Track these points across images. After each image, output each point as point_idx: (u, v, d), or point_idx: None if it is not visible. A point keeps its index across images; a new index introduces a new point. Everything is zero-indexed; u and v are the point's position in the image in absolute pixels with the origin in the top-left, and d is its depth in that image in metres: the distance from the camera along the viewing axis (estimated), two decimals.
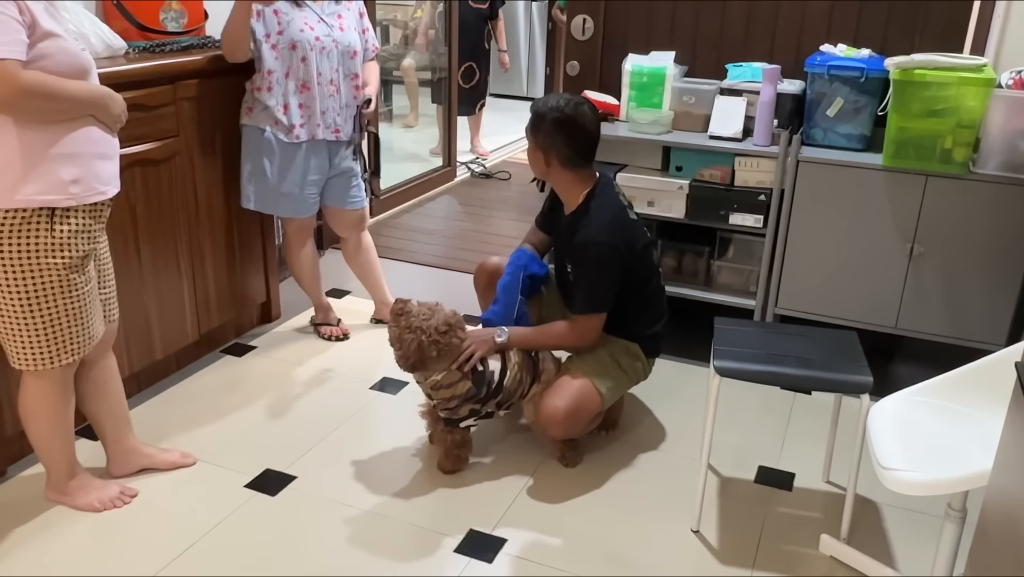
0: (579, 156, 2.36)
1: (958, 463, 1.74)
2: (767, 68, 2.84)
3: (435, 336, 2.25)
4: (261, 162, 2.87)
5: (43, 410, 2.09)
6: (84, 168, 1.92)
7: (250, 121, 2.85)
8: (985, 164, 2.63)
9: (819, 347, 2.22)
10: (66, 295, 1.95)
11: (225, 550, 2.10)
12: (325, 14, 2.85)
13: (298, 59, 2.77)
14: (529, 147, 2.42)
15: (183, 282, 2.80)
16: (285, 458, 2.47)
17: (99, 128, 1.97)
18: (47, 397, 2.07)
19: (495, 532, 2.21)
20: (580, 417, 2.38)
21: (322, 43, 2.80)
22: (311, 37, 2.78)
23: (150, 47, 2.68)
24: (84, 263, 1.98)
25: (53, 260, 1.91)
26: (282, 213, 3.03)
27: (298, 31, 2.76)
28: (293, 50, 2.76)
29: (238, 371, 2.97)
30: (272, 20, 2.74)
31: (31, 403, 2.08)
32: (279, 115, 2.80)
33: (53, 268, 1.92)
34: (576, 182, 2.40)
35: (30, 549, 2.08)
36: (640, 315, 2.49)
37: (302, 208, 2.99)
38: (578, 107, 2.34)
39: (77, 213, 1.93)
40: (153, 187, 2.61)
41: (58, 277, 1.93)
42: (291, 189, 2.92)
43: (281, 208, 2.99)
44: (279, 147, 2.85)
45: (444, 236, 4.52)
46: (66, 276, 1.94)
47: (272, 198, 2.93)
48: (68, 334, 1.99)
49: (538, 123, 2.36)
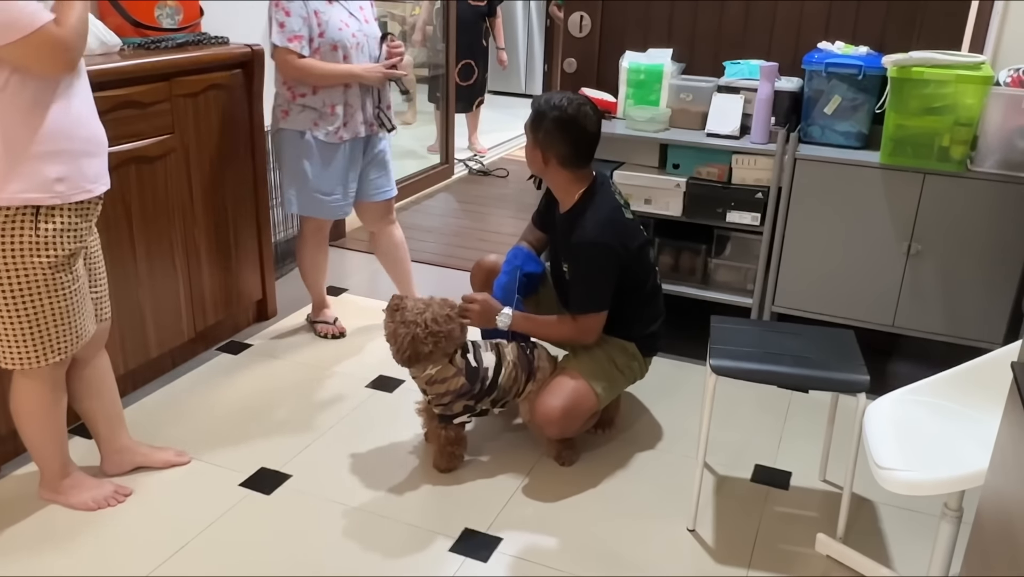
0: (578, 156, 2.35)
1: (954, 462, 1.73)
2: (765, 65, 2.84)
3: (431, 328, 2.25)
4: (301, 165, 2.86)
5: (34, 409, 2.08)
6: (70, 166, 1.88)
7: (288, 125, 2.84)
8: (983, 162, 2.62)
9: (816, 346, 2.21)
10: (52, 294, 1.93)
11: (220, 549, 2.10)
12: (353, 9, 2.85)
13: (340, 59, 2.78)
14: (528, 144, 2.41)
15: (178, 280, 2.79)
16: (280, 457, 2.47)
17: (87, 125, 1.95)
18: (37, 396, 2.06)
19: (490, 531, 2.20)
20: (576, 417, 2.37)
21: (356, 39, 2.82)
22: (348, 35, 2.79)
23: (145, 44, 2.67)
24: (71, 261, 1.96)
25: (38, 259, 1.89)
26: (324, 215, 3.00)
27: (337, 31, 2.77)
28: (334, 51, 2.77)
29: (234, 369, 2.96)
30: (313, 23, 2.74)
31: (22, 402, 2.07)
32: (325, 117, 2.80)
33: (38, 267, 1.90)
34: (572, 181, 2.39)
35: (24, 549, 2.07)
36: (637, 315, 2.49)
37: (341, 209, 3.00)
38: (580, 107, 2.32)
39: (63, 211, 1.91)
40: (148, 184, 2.60)
41: (43, 276, 1.91)
42: (332, 189, 2.91)
43: (324, 210, 2.97)
44: (319, 148, 2.85)
45: (441, 233, 4.51)
46: (52, 275, 1.92)
47: (314, 200, 2.92)
48: (55, 333, 1.97)
49: (539, 121, 2.34)
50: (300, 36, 2.72)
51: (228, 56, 2.85)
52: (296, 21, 2.72)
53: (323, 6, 2.76)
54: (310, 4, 2.74)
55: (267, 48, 2.88)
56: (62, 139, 1.87)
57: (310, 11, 2.74)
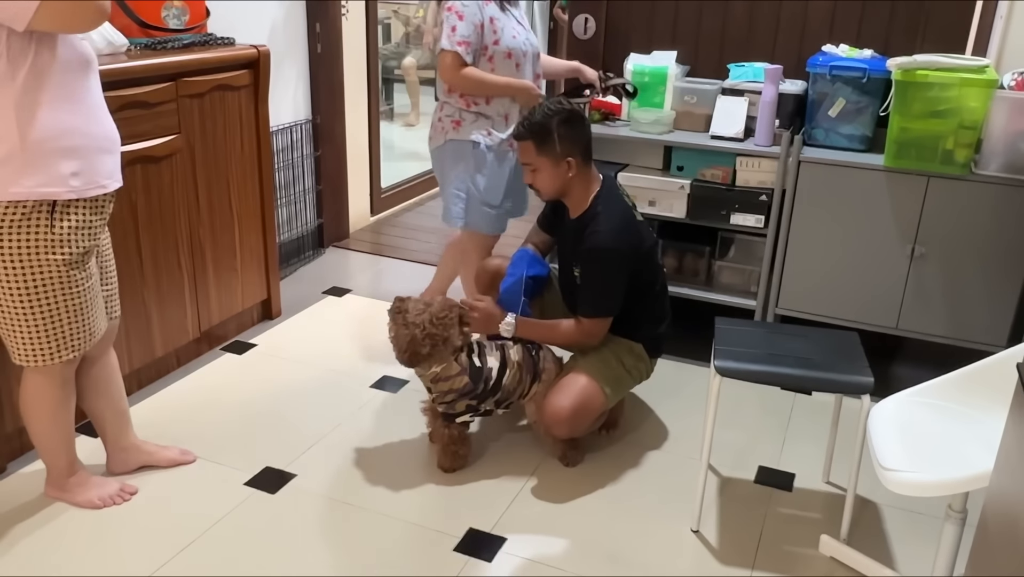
0: (589, 149, 2.37)
1: (959, 464, 1.74)
2: (769, 68, 2.84)
3: (429, 330, 2.26)
4: (473, 177, 2.77)
5: (44, 406, 2.09)
6: (85, 161, 1.90)
7: (459, 135, 2.76)
8: (987, 165, 2.63)
9: (820, 347, 2.22)
10: (67, 291, 1.95)
11: (224, 547, 2.10)
12: (520, 18, 2.82)
13: (512, 67, 2.73)
14: (545, 167, 2.35)
15: (184, 279, 2.80)
16: (285, 456, 2.47)
17: (101, 122, 1.97)
18: (48, 393, 2.07)
19: (495, 531, 2.20)
20: (584, 416, 2.38)
21: (524, 48, 2.76)
22: (521, 43, 2.75)
23: (152, 44, 2.68)
24: (85, 259, 1.98)
25: (53, 256, 1.91)
26: (492, 229, 2.88)
27: (511, 38, 2.72)
28: (508, 58, 2.72)
29: (238, 369, 2.96)
30: (489, 30, 2.67)
31: (32, 399, 2.08)
32: (498, 126, 2.75)
33: (53, 264, 1.91)
34: (590, 182, 2.39)
35: (29, 546, 2.08)
36: (645, 316, 2.49)
37: (505, 222, 2.91)
38: (562, 103, 2.35)
39: (78, 208, 1.92)
40: (154, 184, 2.61)
41: (58, 273, 1.93)
42: (500, 200, 2.83)
43: (492, 223, 2.86)
44: (491, 159, 2.77)
45: (445, 235, 4.50)
46: (67, 272, 1.94)
47: (484, 214, 2.83)
48: (69, 330, 1.99)
49: (546, 133, 2.31)
50: (468, 42, 2.63)
51: (234, 57, 2.86)
52: (467, 27, 2.62)
53: (498, 13, 2.69)
54: (486, 11, 2.66)
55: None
56: (77, 136, 1.89)
57: (485, 18, 2.65)
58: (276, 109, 3.25)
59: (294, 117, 3.72)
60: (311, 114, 3.83)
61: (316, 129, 3.86)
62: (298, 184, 3.82)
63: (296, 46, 3.67)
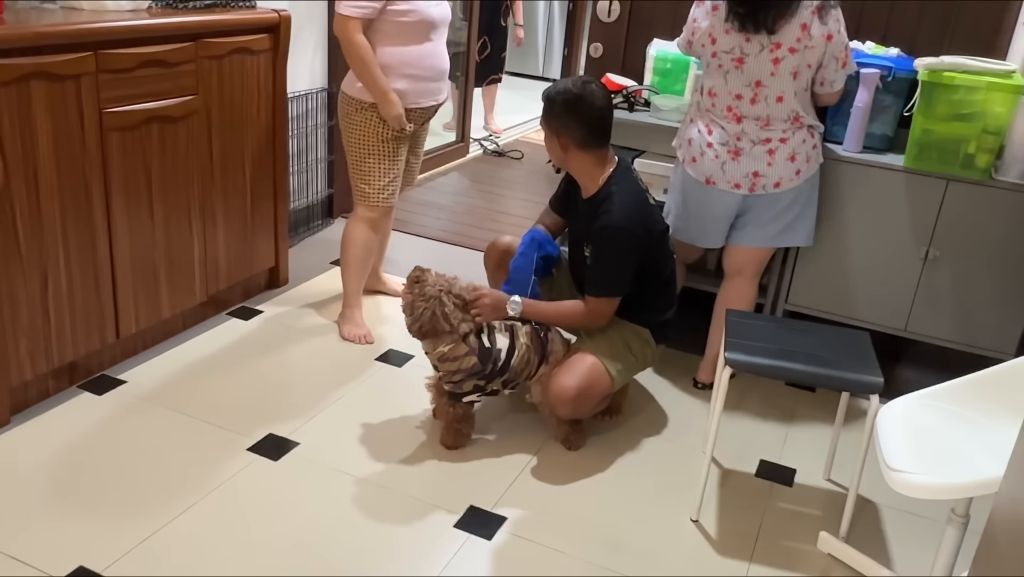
0: (592, 135, 2.34)
1: (966, 469, 1.74)
2: (865, 73, 2.70)
3: (449, 307, 2.25)
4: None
5: (360, 240, 2.90)
6: (412, 85, 2.72)
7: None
8: (1008, 172, 2.61)
9: (831, 345, 2.21)
10: (384, 160, 2.80)
11: (225, 511, 2.10)
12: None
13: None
14: (545, 136, 2.42)
15: (193, 242, 2.79)
16: (288, 424, 2.47)
17: (430, 59, 2.75)
18: (365, 230, 2.89)
19: (495, 509, 2.21)
20: (590, 397, 2.37)
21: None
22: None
23: (172, 3, 2.65)
24: (400, 142, 2.80)
25: (382, 132, 2.75)
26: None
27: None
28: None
29: (244, 335, 2.96)
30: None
31: (355, 233, 2.90)
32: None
33: (381, 139, 2.77)
34: (595, 164, 2.38)
35: (31, 502, 2.08)
36: (653, 300, 2.49)
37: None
38: (585, 85, 2.33)
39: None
40: (169, 144, 2.59)
41: (383, 145, 2.78)
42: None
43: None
44: None
45: (453, 212, 4.50)
46: (389, 145, 2.78)
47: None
48: (387, 187, 2.84)
49: (550, 108, 2.36)
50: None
51: (255, 20, 2.83)
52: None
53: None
54: None
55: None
56: (410, 67, 2.70)
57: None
58: (293, 76, 3.22)
59: (310, 85, 3.69)
60: (327, 83, 3.80)
61: (332, 98, 3.82)
62: (311, 153, 3.80)
63: (316, 13, 3.63)
